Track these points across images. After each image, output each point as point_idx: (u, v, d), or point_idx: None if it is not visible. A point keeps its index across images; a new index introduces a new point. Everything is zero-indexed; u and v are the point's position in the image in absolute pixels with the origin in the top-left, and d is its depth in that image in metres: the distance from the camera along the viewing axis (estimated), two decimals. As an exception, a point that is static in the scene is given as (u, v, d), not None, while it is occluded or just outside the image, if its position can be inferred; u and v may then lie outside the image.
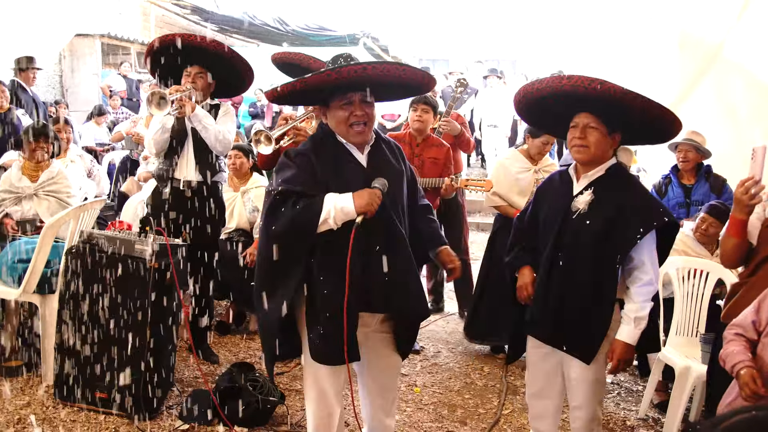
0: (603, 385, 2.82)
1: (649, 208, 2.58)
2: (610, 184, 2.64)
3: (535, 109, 2.80)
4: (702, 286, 3.88)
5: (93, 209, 3.93)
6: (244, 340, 4.74)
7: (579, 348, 2.68)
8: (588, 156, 2.64)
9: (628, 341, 2.58)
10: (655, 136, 2.77)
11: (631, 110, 2.50)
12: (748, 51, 6.29)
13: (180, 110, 3.76)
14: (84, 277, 3.33)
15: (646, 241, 2.55)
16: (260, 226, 2.56)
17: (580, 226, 2.64)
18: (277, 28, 14.50)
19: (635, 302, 2.58)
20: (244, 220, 4.99)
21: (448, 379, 4.30)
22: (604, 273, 2.59)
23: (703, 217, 4.13)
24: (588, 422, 2.76)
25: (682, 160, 4.74)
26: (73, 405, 3.41)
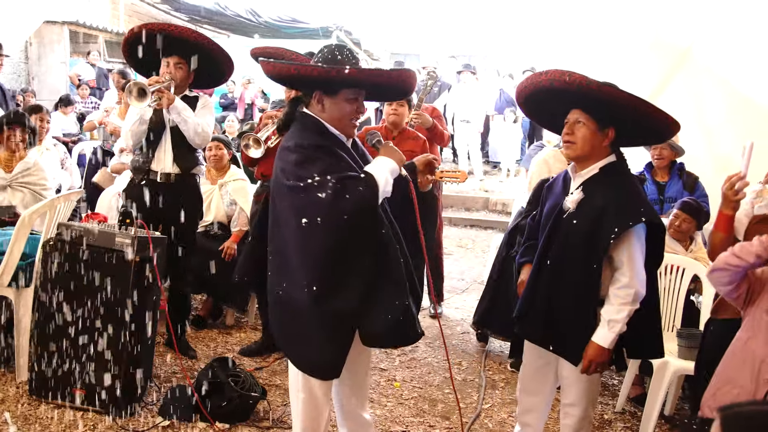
0: (596, 385, 2.83)
1: (628, 207, 2.51)
2: (600, 183, 2.60)
3: (532, 104, 2.80)
4: (678, 282, 3.96)
5: (70, 201, 3.84)
6: (221, 335, 4.69)
7: (566, 348, 2.67)
8: (575, 152, 2.62)
9: (601, 343, 2.53)
10: (650, 135, 2.77)
11: (617, 106, 2.48)
12: (717, 54, 6.42)
13: (159, 102, 3.70)
14: (61, 271, 3.25)
15: (626, 242, 2.51)
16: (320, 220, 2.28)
17: (568, 225, 2.64)
18: (249, 20, 14.34)
19: (611, 304, 2.55)
20: (222, 213, 4.94)
21: (427, 374, 4.32)
22: (588, 273, 2.57)
23: (676, 214, 4.21)
24: (579, 420, 2.77)
25: (657, 157, 4.82)
26: (50, 402, 3.34)
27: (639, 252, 2.53)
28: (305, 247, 2.34)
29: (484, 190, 11.04)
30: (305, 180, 2.28)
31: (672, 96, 6.62)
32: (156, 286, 3.40)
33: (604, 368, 2.61)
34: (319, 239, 2.31)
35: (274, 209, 2.46)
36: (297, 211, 2.31)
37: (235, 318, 4.98)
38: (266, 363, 4.22)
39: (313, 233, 2.30)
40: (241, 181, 5.03)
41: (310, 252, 2.34)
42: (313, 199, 2.26)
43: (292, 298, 2.40)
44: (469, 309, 5.85)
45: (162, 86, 3.68)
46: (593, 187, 2.60)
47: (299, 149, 2.34)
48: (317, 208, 2.26)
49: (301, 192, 2.29)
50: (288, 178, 2.32)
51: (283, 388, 3.88)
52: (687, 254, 4.12)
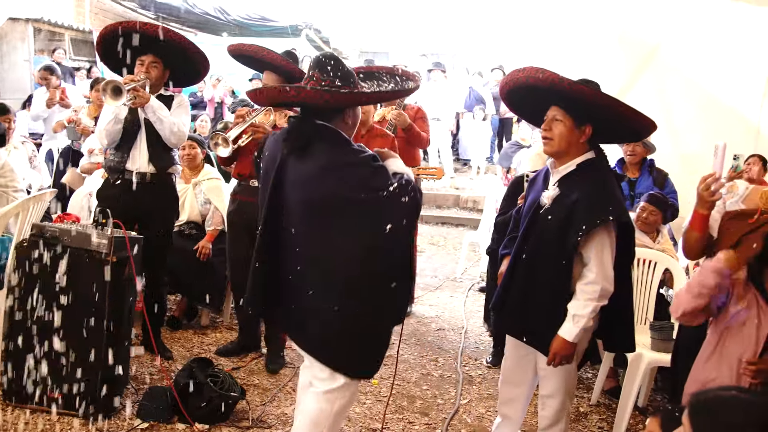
0: (573, 377, 2.87)
1: (597, 205, 2.55)
2: (576, 179, 2.64)
3: (515, 99, 2.87)
4: (649, 276, 4.04)
5: (42, 201, 3.78)
6: (197, 335, 4.66)
7: (539, 340, 2.72)
8: (552, 148, 2.67)
9: (566, 337, 2.59)
10: (626, 133, 2.83)
11: (590, 105, 2.55)
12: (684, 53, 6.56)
13: (134, 101, 3.66)
14: (35, 272, 3.19)
15: (594, 239, 2.55)
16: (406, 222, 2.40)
17: (543, 221, 2.69)
18: (217, 18, 14.21)
19: (578, 299, 2.60)
20: (196, 213, 4.90)
21: (404, 371, 4.34)
22: (559, 269, 2.62)
23: (643, 206, 4.31)
24: (557, 411, 2.83)
25: (630, 153, 4.90)
26: (24, 406, 3.27)
27: (607, 249, 2.58)
28: (391, 252, 2.42)
29: (455, 187, 11.12)
30: (386, 189, 2.34)
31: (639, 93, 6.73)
32: (133, 286, 3.36)
33: (568, 361, 2.65)
34: (404, 240, 2.47)
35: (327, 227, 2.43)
36: (378, 220, 2.36)
37: (210, 318, 4.95)
38: (243, 363, 4.20)
39: (398, 236, 2.39)
40: (215, 180, 5.00)
41: (395, 255, 2.44)
42: (399, 205, 2.34)
43: (353, 305, 2.42)
44: (443, 306, 5.92)
45: (137, 85, 3.64)
46: (569, 183, 2.65)
47: (363, 163, 2.40)
48: (403, 211, 2.36)
49: (385, 200, 2.34)
50: (363, 192, 2.36)
51: (261, 388, 3.88)
52: (655, 246, 4.24)
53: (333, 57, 2.52)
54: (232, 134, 3.86)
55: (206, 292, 4.68)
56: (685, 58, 6.59)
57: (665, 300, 4.28)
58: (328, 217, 2.42)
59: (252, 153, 3.99)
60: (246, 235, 4.03)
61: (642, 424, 3.75)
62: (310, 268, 2.46)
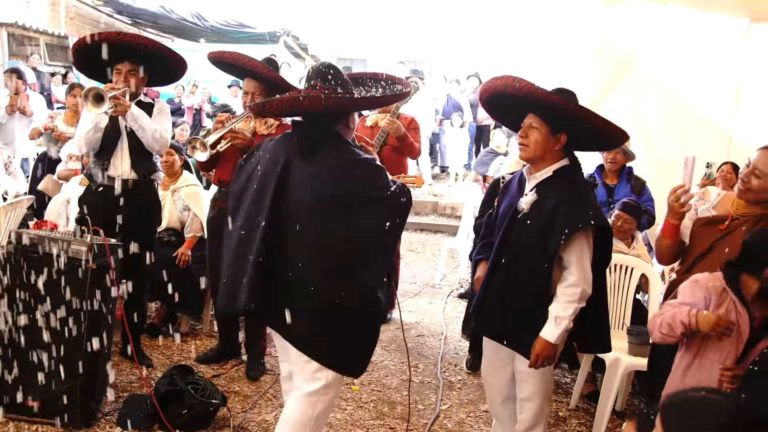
0: (550, 381, 2.92)
1: (578, 210, 2.62)
2: (553, 185, 2.70)
3: (494, 106, 2.92)
4: (626, 281, 4.11)
5: (20, 208, 3.74)
6: (176, 343, 4.63)
7: (520, 344, 2.76)
8: (528, 154, 2.74)
9: (548, 339, 2.64)
10: (599, 142, 2.89)
11: (563, 113, 2.62)
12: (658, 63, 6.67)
13: (115, 109, 3.64)
14: (14, 280, 3.17)
15: (574, 243, 2.62)
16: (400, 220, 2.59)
17: (522, 226, 2.74)
18: (194, 23, 14.12)
19: (559, 301, 2.65)
20: (175, 219, 4.88)
21: (385, 377, 4.36)
22: (539, 273, 2.67)
23: (617, 215, 4.38)
24: (535, 415, 2.86)
25: (611, 161, 4.97)
26: (4, 415, 3.23)
27: (587, 253, 2.66)
28: (387, 247, 2.66)
29: (433, 194, 11.16)
30: (389, 188, 2.54)
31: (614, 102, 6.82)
32: (114, 294, 3.34)
33: (550, 362, 2.71)
34: (396, 237, 2.76)
35: (331, 225, 2.52)
36: (380, 217, 2.52)
37: (190, 325, 4.93)
38: (224, 370, 4.19)
39: (394, 233, 2.61)
40: (194, 186, 4.98)
41: (389, 250, 2.73)
42: (398, 204, 2.54)
43: (353, 299, 2.53)
44: (422, 312, 5.94)
45: (117, 93, 3.63)
46: (546, 189, 2.71)
47: (368, 163, 2.60)
48: (400, 210, 2.56)
49: (387, 199, 2.53)
50: (371, 189, 2.55)
51: (242, 395, 3.87)
52: (630, 251, 4.32)
53: (332, 66, 2.67)
54: (210, 139, 3.84)
55: (186, 299, 4.66)
56: (659, 68, 6.70)
57: (642, 305, 4.35)
58: (333, 214, 2.52)
59: (233, 159, 4.00)
60: (226, 241, 4.02)
61: (620, 428, 3.81)
62: (310, 265, 2.52)
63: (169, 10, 14.13)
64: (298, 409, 2.61)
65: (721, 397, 1.58)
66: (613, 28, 6.77)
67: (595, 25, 6.83)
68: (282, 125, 4.13)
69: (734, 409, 1.51)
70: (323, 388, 2.59)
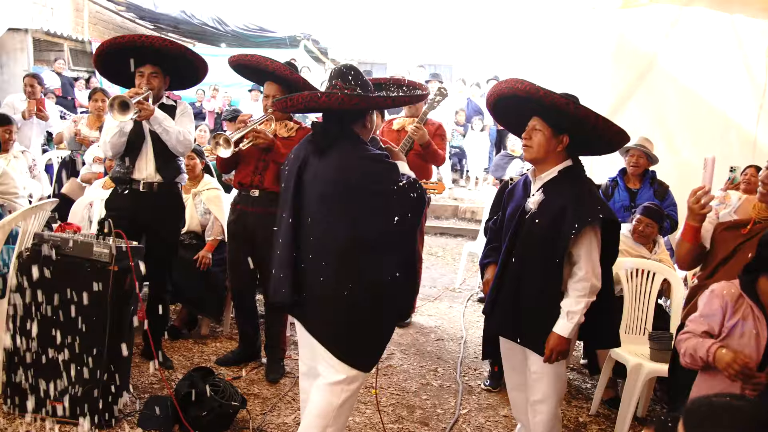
0: (563, 382, 2.92)
1: (585, 205, 2.70)
2: (559, 185, 2.78)
3: (500, 110, 3.01)
4: (648, 286, 4.06)
5: (44, 211, 3.79)
6: (197, 345, 4.66)
7: (533, 341, 2.81)
8: (531, 155, 2.83)
9: (561, 333, 2.71)
10: (603, 145, 2.91)
11: (564, 114, 2.65)
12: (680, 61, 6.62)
13: (140, 114, 3.68)
14: (37, 281, 3.20)
15: (583, 238, 2.69)
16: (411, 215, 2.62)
17: (530, 225, 2.81)
18: (215, 28, 14.26)
19: (570, 296, 2.73)
20: (196, 223, 4.92)
21: (404, 381, 4.35)
22: (551, 269, 2.74)
23: (639, 219, 4.34)
24: (549, 419, 2.87)
25: (633, 165, 4.93)
26: (26, 414, 3.28)
27: (595, 248, 2.72)
28: (397, 245, 2.65)
29: (453, 198, 11.15)
30: (399, 183, 2.59)
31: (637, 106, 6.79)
32: (135, 295, 3.37)
33: (564, 356, 2.76)
34: (410, 235, 2.71)
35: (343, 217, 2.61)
36: (390, 210, 2.58)
37: (210, 328, 4.96)
38: (243, 372, 4.21)
39: (404, 228, 2.61)
40: (215, 190, 5.02)
41: (400, 248, 2.67)
42: (407, 198, 2.59)
43: (358, 293, 2.60)
44: (442, 316, 5.93)
45: (141, 98, 3.66)
46: (553, 188, 2.79)
47: (381, 159, 2.65)
48: (410, 205, 2.60)
49: (397, 193, 2.58)
50: (382, 183, 2.60)
51: (261, 397, 3.88)
52: (651, 256, 4.28)
53: (353, 68, 2.76)
54: (234, 136, 3.88)
55: (206, 302, 4.70)
56: (681, 70, 6.64)
57: (664, 310, 4.30)
58: (337, 208, 2.61)
59: (253, 162, 4.05)
60: (246, 243, 4.05)
61: (641, 434, 3.76)
62: (322, 256, 2.62)
63: (190, 15, 14.28)
64: (322, 398, 2.68)
65: (744, 403, 1.56)
66: (633, 30, 6.73)
67: (614, 28, 6.79)
68: (302, 128, 4.16)
69: (757, 415, 1.49)
70: (347, 378, 2.65)
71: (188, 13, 14.33)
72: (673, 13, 6.67)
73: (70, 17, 13.69)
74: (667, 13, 6.67)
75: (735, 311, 2.49)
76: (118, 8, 14.57)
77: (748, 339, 2.47)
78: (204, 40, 14.97)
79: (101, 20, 14.60)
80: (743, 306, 2.49)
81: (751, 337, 2.47)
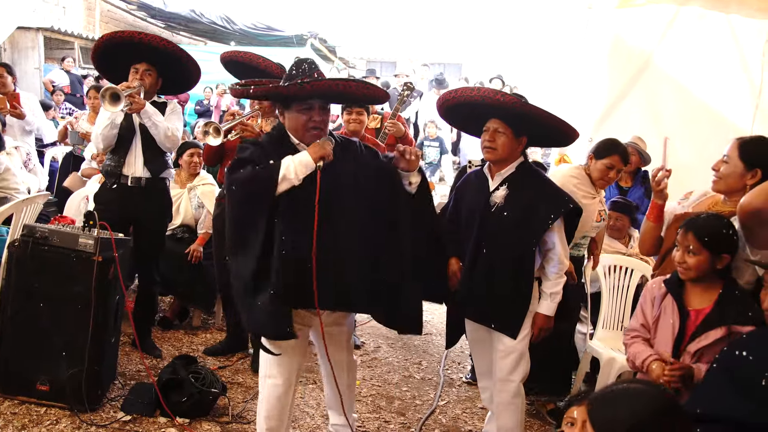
0: (527, 361, 3.08)
1: (557, 197, 2.97)
2: (521, 179, 3.01)
3: (455, 114, 3.17)
4: (626, 281, 4.14)
5: (36, 203, 3.93)
6: (187, 335, 4.79)
7: (507, 326, 3.01)
8: (495, 156, 3.01)
9: (547, 313, 2.99)
10: (555, 141, 3.19)
11: (530, 119, 2.88)
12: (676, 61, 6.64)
13: (131, 107, 3.80)
14: (26, 270, 3.34)
15: (556, 226, 2.94)
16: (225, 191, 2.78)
17: (499, 217, 2.99)
18: (224, 27, 14.41)
19: (550, 279, 2.99)
20: (189, 216, 5.04)
21: (387, 373, 4.45)
22: (523, 256, 2.95)
23: (609, 214, 4.42)
24: (513, 395, 3.05)
25: None
26: (14, 398, 3.42)
27: (563, 233, 3.00)
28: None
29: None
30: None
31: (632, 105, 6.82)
32: (119, 285, 3.50)
33: (549, 333, 3.02)
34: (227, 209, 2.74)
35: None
36: None
37: (202, 320, 5.08)
38: (230, 362, 4.33)
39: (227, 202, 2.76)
40: (210, 185, 5.14)
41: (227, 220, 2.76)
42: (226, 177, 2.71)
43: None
44: (432, 311, 6.01)
45: (133, 91, 3.78)
46: (516, 183, 3.01)
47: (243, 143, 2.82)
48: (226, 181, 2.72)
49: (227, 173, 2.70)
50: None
51: (244, 386, 4.00)
52: (628, 250, 4.37)
53: (296, 60, 2.80)
54: (224, 125, 3.97)
55: (197, 294, 4.82)
56: (677, 70, 6.66)
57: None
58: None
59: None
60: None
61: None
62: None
63: (199, 14, 14.44)
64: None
65: (640, 387, 1.65)
66: (629, 30, 6.76)
67: (610, 28, 6.83)
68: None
69: (652, 395, 1.58)
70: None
71: (197, 12, 14.48)
72: (669, 12, 6.69)
73: (81, 16, 13.90)
74: (663, 12, 6.69)
75: (659, 304, 2.63)
76: (129, 7, 14.77)
77: (666, 331, 2.59)
78: (214, 38, 15.14)
79: (113, 19, 14.81)
80: (666, 299, 2.63)
81: (668, 329, 2.59)
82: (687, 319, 2.60)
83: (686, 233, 2.59)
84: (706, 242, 2.54)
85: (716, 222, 2.60)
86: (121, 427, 3.33)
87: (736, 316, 2.49)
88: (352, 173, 2.74)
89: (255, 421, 3.54)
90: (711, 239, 2.54)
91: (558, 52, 7.79)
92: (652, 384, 1.93)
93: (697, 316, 2.58)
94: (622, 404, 1.58)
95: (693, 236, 2.56)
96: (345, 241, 2.66)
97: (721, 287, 2.60)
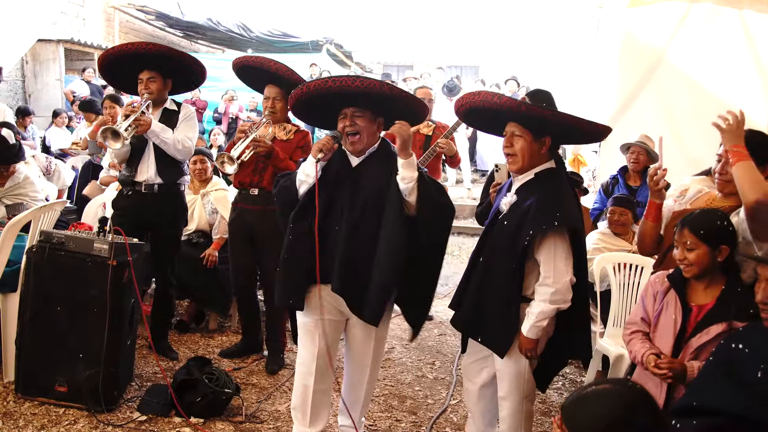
0: (526, 381, 2.87)
1: (545, 212, 2.63)
2: (532, 187, 2.76)
3: (472, 118, 3.09)
4: (632, 279, 4.14)
5: (53, 210, 4.04)
6: (203, 338, 4.87)
7: (493, 340, 2.83)
8: (517, 166, 2.79)
9: (525, 333, 2.70)
10: (581, 138, 3.01)
11: (546, 121, 2.69)
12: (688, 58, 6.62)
13: (138, 129, 3.90)
14: (44, 275, 3.45)
15: (546, 244, 2.65)
16: None
17: (500, 227, 2.81)
18: (241, 35, 14.59)
19: (535, 299, 2.70)
20: (204, 222, 5.13)
21: (400, 373, 4.49)
22: (511, 272, 2.72)
23: (611, 210, 4.45)
24: (513, 413, 2.86)
25: (633, 161, 5.00)
26: (34, 399, 3.52)
27: (560, 253, 2.66)
28: None
29: (472, 198, 11.22)
30: None
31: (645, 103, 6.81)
32: (133, 289, 3.58)
33: (534, 355, 2.76)
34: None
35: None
36: None
37: (219, 323, 5.17)
38: (245, 364, 4.40)
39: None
40: (223, 191, 5.23)
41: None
42: None
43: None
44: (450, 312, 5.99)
45: (137, 115, 3.88)
46: (525, 190, 2.77)
47: None
48: None
49: None
50: None
51: (258, 387, 4.07)
52: (632, 246, 4.37)
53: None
54: (235, 152, 3.98)
55: (213, 298, 4.91)
56: (690, 67, 6.64)
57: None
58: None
59: (252, 163, 4.19)
60: (246, 240, 4.24)
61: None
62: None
63: (216, 23, 14.63)
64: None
65: (609, 386, 1.67)
66: (640, 28, 6.76)
67: (621, 27, 6.83)
68: (300, 131, 4.30)
69: (621, 394, 1.61)
70: None
71: (214, 21, 14.67)
72: (681, 9, 6.67)
73: (101, 27, 14.15)
74: (674, 10, 6.67)
75: (662, 299, 2.63)
76: (148, 17, 15.00)
77: (667, 326, 2.60)
78: (232, 46, 15.33)
79: (132, 29, 15.04)
80: (668, 294, 2.62)
81: (669, 325, 2.59)
82: (689, 314, 2.61)
83: (682, 230, 2.61)
84: (702, 235, 2.55)
85: (710, 215, 2.63)
86: (137, 427, 3.41)
87: (738, 312, 2.50)
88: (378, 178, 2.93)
89: (268, 421, 3.63)
90: (707, 232, 2.56)
91: (570, 52, 7.81)
92: (619, 380, 1.97)
93: (700, 311, 2.59)
94: (594, 405, 1.61)
95: (689, 231, 2.58)
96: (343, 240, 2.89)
97: (724, 283, 2.61)
